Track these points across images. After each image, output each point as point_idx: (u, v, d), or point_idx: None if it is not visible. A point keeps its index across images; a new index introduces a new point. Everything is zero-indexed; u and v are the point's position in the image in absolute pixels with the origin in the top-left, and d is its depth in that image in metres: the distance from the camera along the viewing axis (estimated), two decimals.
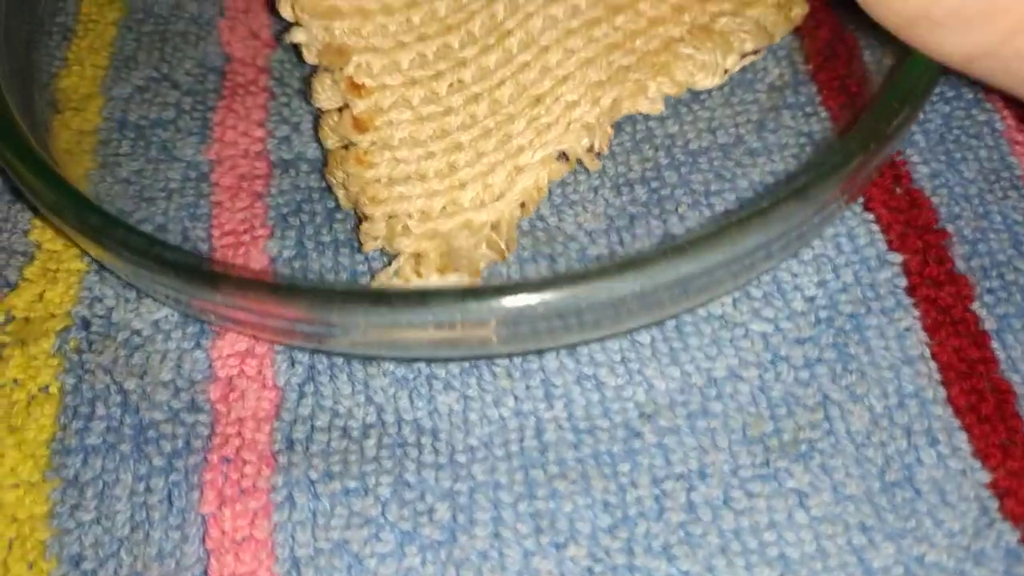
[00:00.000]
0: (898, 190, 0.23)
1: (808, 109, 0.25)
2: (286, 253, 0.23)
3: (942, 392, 0.20)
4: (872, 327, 0.21)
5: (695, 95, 0.25)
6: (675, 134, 0.24)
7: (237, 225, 0.23)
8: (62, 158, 0.24)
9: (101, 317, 0.22)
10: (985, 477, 0.19)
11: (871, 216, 0.23)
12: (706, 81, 0.23)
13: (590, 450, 0.19)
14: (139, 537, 0.19)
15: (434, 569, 0.18)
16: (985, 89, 0.25)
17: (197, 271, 0.19)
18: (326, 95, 0.23)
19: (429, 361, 0.21)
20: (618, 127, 0.24)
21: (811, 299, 0.21)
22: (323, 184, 0.24)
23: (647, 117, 0.24)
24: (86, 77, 0.27)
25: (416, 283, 0.21)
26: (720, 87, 0.25)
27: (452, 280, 0.21)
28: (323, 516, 0.19)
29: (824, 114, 0.24)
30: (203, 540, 0.19)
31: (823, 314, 0.21)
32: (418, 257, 0.21)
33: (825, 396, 0.20)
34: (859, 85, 0.25)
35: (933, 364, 0.20)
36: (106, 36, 0.27)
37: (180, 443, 0.20)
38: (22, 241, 0.24)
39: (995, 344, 0.21)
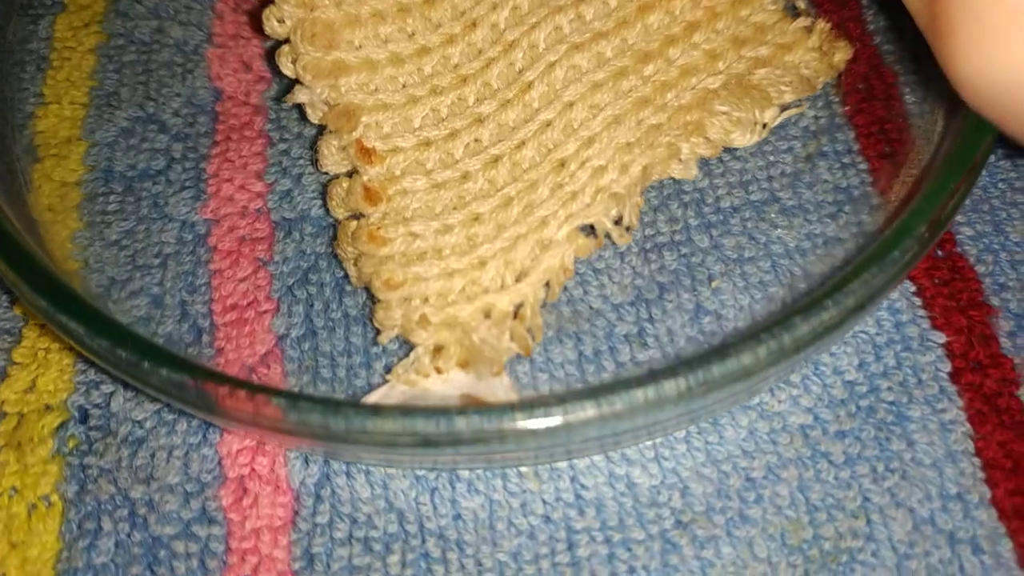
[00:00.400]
0: (940, 253, 0.21)
1: (845, 159, 0.22)
2: (294, 332, 0.20)
3: (987, 493, 0.18)
4: (915, 420, 0.19)
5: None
6: (705, 189, 0.21)
7: (240, 298, 0.20)
8: (44, 217, 0.21)
9: (99, 407, 0.19)
10: None
11: (913, 288, 0.20)
12: (743, 139, 0.20)
13: (625, 567, 0.17)
14: None
15: None
16: None
17: (200, 396, 0.16)
18: (333, 159, 0.20)
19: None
20: None
21: (851, 384, 0.19)
22: (330, 249, 0.21)
23: None
24: (65, 118, 0.23)
25: (436, 382, 0.18)
26: (799, 103, 0.21)
27: (470, 382, 0.18)
28: None
29: (862, 165, 0.21)
30: None
31: (864, 403, 0.19)
32: (438, 350, 0.18)
33: (866, 499, 0.18)
34: (899, 130, 0.22)
35: (977, 461, 0.18)
36: (84, 67, 0.24)
37: (195, 562, 0.17)
38: (7, 316, 0.20)
39: None
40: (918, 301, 0.20)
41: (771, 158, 0.22)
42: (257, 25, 0.24)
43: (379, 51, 0.20)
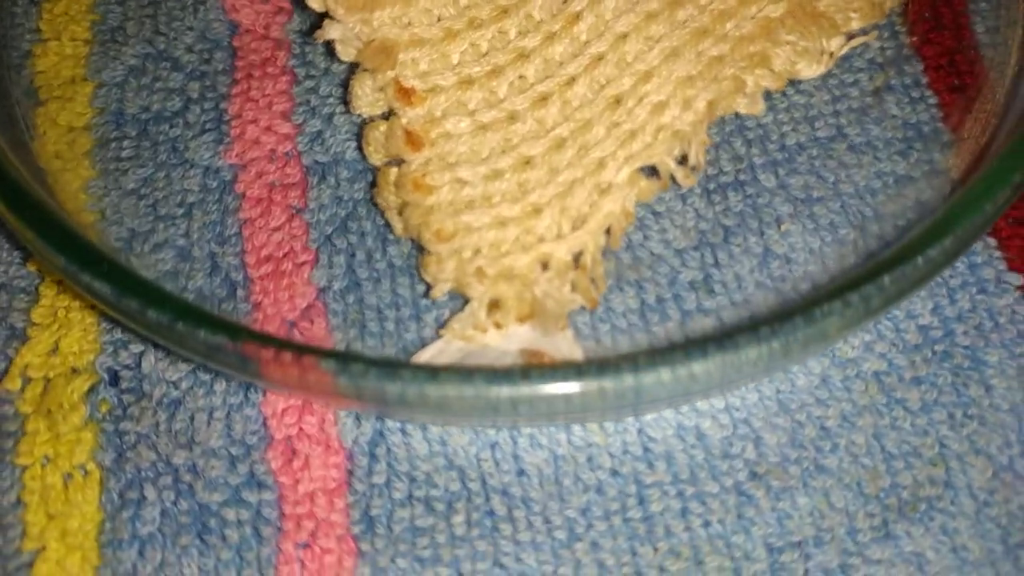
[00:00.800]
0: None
1: (914, 93, 0.22)
2: (336, 284, 0.20)
3: None
4: (992, 364, 0.19)
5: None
6: (768, 126, 0.21)
7: (274, 249, 0.20)
8: (53, 165, 0.21)
9: (129, 368, 0.19)
10: None
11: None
12: (809, 70, 0.20)
13: (700, 520, 0.18)
14: None
15: None
16: None
17: (241, 360, 0.16)
18: (367, 101, 0.20)
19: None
20: None
21: (925, 328, 0.20)
22: (369, 195, 0.21)
23: None
24: (67, 56, 0.22)
25: (495, 337, 0.18)
26: (866, 31, 0.21)
27: (533, 335, 0.18)
28: None
29: (932, 99, 0.22)
30: None
31: (939, 348, 0.19)
32: (495, 304, 0.18)
33: (944, 446, 0.19)
34: (969, 63, 0.22)
35: None
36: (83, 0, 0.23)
37: (248, 530, 0.18)
38: (21, 274, 0.20)
39: None
40: (993, 242, 0.20)
41: (837, 92, 0.22)
42: None
43: None
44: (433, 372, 0.16)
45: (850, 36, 0.21)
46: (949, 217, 0.17)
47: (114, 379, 0.19)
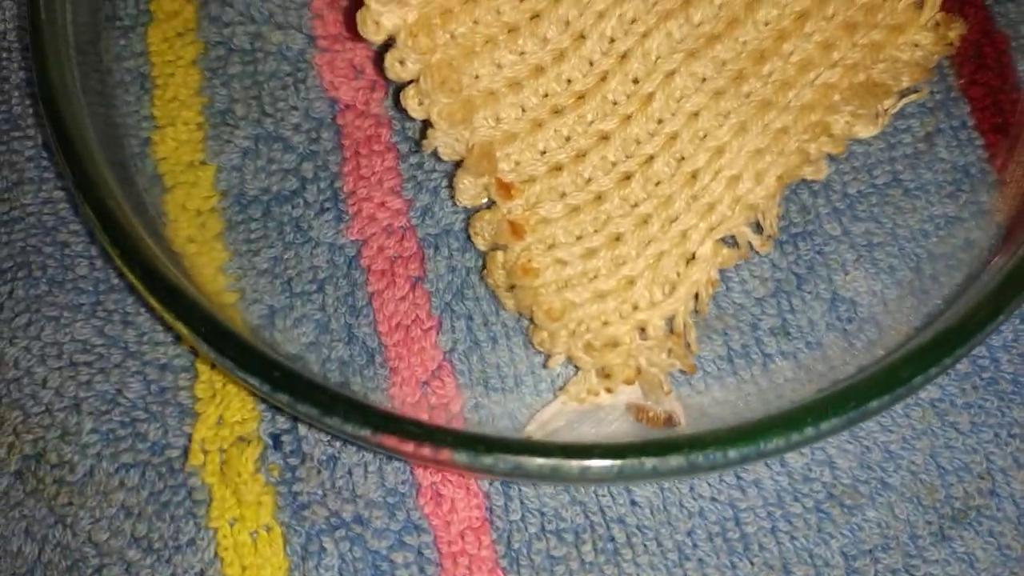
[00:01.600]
0: None
1: (962, 135, 0.27)
2: (460, 347, 0.26)
3: None
4: None
5: None
6: (831, 176, 0.27)
7: (402, 318, 0.26)
8: (188, 249, 0.27)
9: (288, 432, 0.26)
10: None
11: None
12: (866, 131, 0.26)
13: (787, 536, 0.24)
14: None
15: None
16: None
17: (382, 447, 0.22)
18: (470, 195, 0.25)
19: None
20: None
21: (974, 358, 0.26)
22: (479, 263, 0.27)
23: None
24: (184, 141, 0.28)
25: (605, 398, 0.24)
26: (916, 88, 0.27)
27: (636, 390, 0.24)
28: None
29: (979, 141, 0.27)
30: None
31: (985, 375, 0.26)
32: (603, 370, 0.24)
33: (990, 461, 0.25)
34: (1011, 101, 0.27)
35: None
36: (190, 83, 0.28)
37: (415, 569, 0.24)
38: (178, 352, 0.27)
39: None
40: None
41: (891, 139, 0.27)
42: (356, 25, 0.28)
43: (497, 79, 0.25)
44: (544, 449, 0.22)
45: (903, 94, 0.26)
46: (998, 296, 0.22)
47: (277, 443, 0.26)
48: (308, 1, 0.30)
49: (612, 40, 0.26)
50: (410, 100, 0.26)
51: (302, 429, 0.26)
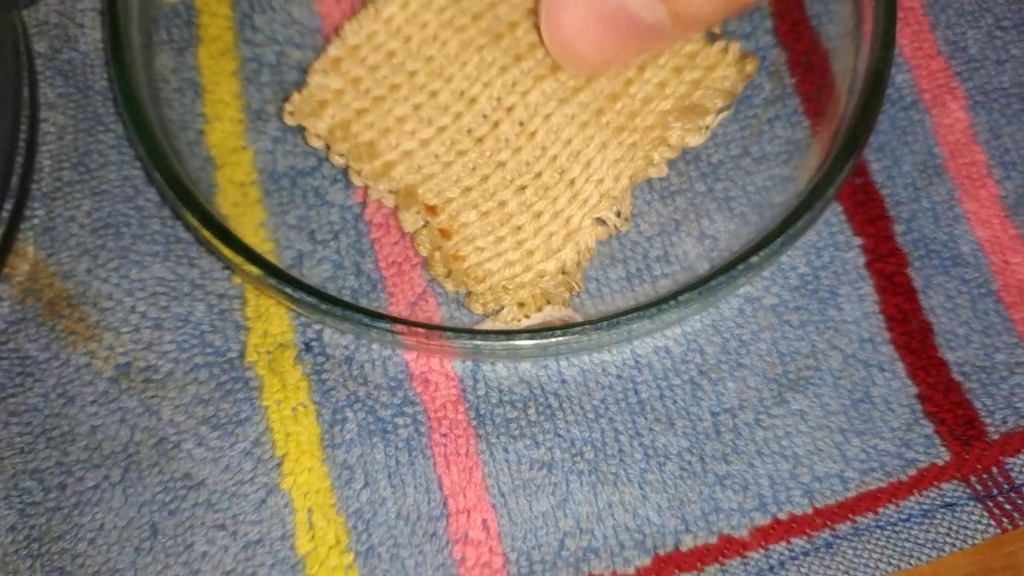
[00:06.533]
0: (858, 181, 0.37)
1: (794, 119, 0.38)
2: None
3: (887, 335, 0.35)
4: (842, 294, 0.36)
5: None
6: (699, 149, 0.37)
7: (396, 257, 0.36)
8: (233, 212, 0.36)
9: (315, 340, 0.35)
10: (913, 390, 0.35)
11: (840, 208, 0.37)
12: (695, 140, 0.36)
13: (671, 400, 0.34)
14: (399, 495, 0.33)
15: (588, 488, 0.33)
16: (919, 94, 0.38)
17: (383, 329, 0.32)
18: (411, 221, 0.36)
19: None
20: None
21: (802, 275, 0.36)
22: None
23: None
24: (228, 132, 0.37)
25: (524, 323, 0.34)
26: (728, 107, 0.37)
27: (550, 312, 0.34)
28: (514, 464, 0.34)
29: (805, 123, 0.38)
30: (440, 488, 0.33)
31: (810, 287, 0.36)
32: (520, 304, 0.34)
33: (814, 346, 0.35)
34: (829, 94, 0.38)
35: (880, 316, 0.36)
36: (232, 89, 0.38)
37: (412, 428, 0.34)
38: (231, 285, 0.36)
39: (921, 298, 0.36)
40: (844, 217, 0.37)
41: (743, 123, 0.38)
42: None
43: (411, 142, 0.36)
44: (507, 334, 0.32)
45: (720, 111, 0.37)
46: (796, 214, 0.33)
47: (308, 347, 0.35)
48: (319, 28, 0.39)
49: (499, 99, 0.36)
50: (353, 175, 0.36)
51: (326, 336, 0.36)
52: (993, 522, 0.34)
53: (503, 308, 0.35)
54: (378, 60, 0.37)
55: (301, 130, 0.38)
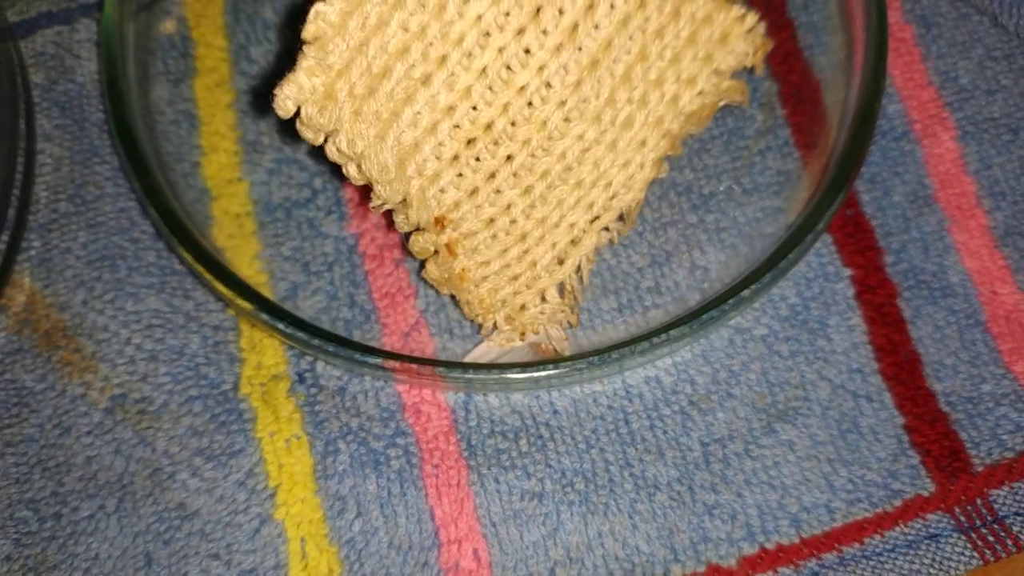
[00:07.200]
0: (848, 211, 0.37)
1: (784, 150, 0.38)
2: (431, 308, 0.36)
3: (876, 366, 0.36)
4: (831, 325, 0.36)
5: (703, 144, 0.38)
6: (691, 181, 0.38)
7: (389, 288, 0.36)
8: (228, 244, 0.37)
9: (308, 371, 0.35)
10: (901, 421, 0.35)
11: (830, 239, 0.37)
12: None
13: (661, 431, 0.35)
14: (391, 525, 0.34)
15: (578, 518, 0.34)
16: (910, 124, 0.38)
17: (375, 365, 0.32)
18: (407, 224, 0.35)
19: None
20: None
21: (792, 305, 0.37)
22: None
23: (671, 167, 0.37)
24: (224, 164, 0.38)
25: (522, 343, 0.35)
26: (720, 135, 0.37)
27: (543, 336, 0.35)
28: (506, 495, 0.34)
29: (796, 154, 0.38)
30: (432, 519, 0.34)
31: (799, 317, 0.36)
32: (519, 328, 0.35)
33: (803, 376, 0.36)
34: (820, 125, 0.38)
35: (869, 347, 0.36)
36: (228, 121, 0.38)
37: (403, 460, 0.34)
38: (225, 317, 0.36)
39: (910, 328, 0.36)
40: (834, 248, 0.37)
41: (734, 154, 0.38)
42: None
43: (417, 132, 0.34)
44: (499, 368, 0.33)
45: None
46: (784, 247, 0.33)
47: (301, 378, 0.35)
48: None
49: (509, 68, 0.35)
50: (351, 172, 0.34)
51: (319, 368, 0.36)
52: (976, 554, 0.34)
53: (497, 329, 0.36)
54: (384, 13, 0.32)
55: (295, 162, 0.38)
